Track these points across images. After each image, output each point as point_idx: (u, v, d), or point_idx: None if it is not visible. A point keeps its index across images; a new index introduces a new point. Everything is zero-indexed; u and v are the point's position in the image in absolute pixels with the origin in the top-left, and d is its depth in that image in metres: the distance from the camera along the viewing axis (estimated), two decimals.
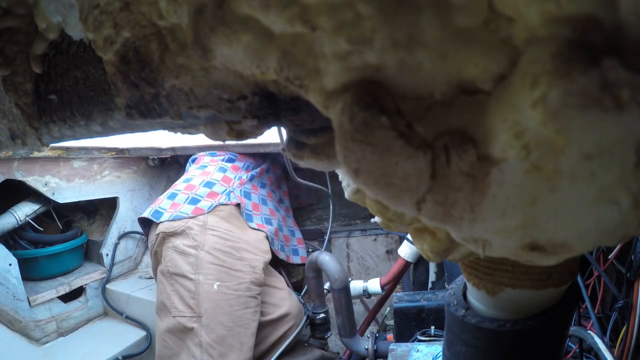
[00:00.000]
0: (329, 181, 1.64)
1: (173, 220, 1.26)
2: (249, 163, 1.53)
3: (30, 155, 1.38)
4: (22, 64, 0.29)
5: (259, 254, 1.30)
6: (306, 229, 1.80)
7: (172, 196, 1.35)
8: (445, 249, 0.25)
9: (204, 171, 1.45)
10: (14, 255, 1.36)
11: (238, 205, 1.36)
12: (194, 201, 1.32)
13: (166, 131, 0.27)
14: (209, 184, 1.39)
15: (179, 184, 1.41)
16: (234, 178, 1.44)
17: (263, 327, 1.28)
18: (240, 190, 1.41)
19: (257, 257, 1.28)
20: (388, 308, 1.56)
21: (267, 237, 1.37)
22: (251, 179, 1.48)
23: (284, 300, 1.35)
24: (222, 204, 1.33)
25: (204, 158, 1.53)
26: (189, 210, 1.28)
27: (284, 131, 0.25)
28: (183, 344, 1.17)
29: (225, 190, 1.38)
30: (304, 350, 1.37)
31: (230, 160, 1.50)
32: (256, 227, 1.36)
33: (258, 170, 1.52)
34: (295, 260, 1.57)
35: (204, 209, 1.29)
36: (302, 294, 1.57)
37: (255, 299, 1.24)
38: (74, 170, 1.57)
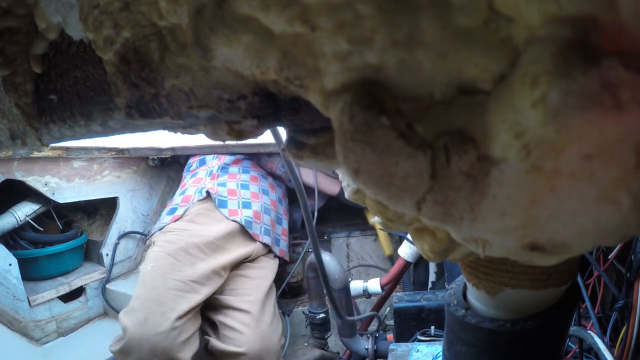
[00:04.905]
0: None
1: (157, 231, 1.34)
2: (234, 157, 1.57)
3: (30, 155, 1.38)
4: (22, 64, 0.29)
5: (217, 255, 1.27)
6: (305, 229, 1.80)
7: (172, 211, 1.42)
8: (445, 249, 0.25)
9: (196, 178, 1.53)
10: (14, 255, 1.36)
11: (208, 194, 1.40)
12: (171, 211, 1.40)
13: (166, 131, 0.26)
14: (183, 192, 1.47)
15: (177, 197, 1.49)
16: (205, 176, 1.50)
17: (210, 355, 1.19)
18: (213, 183, 1.46)
19: (214, 260, 1.24)
20: (388, 308, 1.56)
21: (240, 226, 1.36)
22: (223, 168, 1.51)
23: (243, 332, 1.17)
24: (196, 201, 1.39)
25: (198, 172, 1.57)
26: (168, 220, 1.36)
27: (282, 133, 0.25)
28: None
29: (196, 189, 1.44)
30: (303, 350, 1.37)
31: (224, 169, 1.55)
32: (228, 215, 1.37)
33: (233, 158, 1.55)
34: (275, 250, 1.49)
35: (180, 214, 1.37)
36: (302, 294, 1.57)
37: (190, 289, 1.15)
38: (74, 170, 1.57)
